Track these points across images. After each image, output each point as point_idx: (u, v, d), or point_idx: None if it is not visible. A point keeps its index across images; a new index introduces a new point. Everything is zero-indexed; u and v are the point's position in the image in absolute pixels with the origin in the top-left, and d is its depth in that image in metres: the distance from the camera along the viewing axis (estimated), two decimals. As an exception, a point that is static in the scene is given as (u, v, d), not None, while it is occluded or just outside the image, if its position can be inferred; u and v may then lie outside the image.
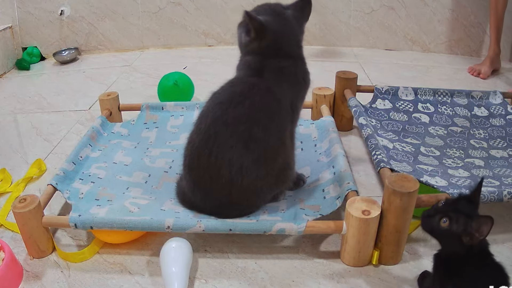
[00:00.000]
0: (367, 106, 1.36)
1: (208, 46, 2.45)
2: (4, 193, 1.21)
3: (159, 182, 1.13)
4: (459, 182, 0.97)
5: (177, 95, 1.63)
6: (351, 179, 1.00)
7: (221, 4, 2.35)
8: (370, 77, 1.95)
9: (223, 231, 0.90)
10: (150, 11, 2.37)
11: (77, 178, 1.11)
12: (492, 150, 1.19)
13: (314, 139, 1.28)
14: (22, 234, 0.94)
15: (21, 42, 2.35)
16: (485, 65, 1.95)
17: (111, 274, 0.92)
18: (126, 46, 2.45)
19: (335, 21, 2.33)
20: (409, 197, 0.83)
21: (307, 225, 0.88)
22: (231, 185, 0.90)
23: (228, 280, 0.90)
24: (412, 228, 1.01)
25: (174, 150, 1.27)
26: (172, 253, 0.88)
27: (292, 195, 1.05)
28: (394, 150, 1.12)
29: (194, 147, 0.93)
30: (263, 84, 0.91)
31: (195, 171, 0.94)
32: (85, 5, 2.33)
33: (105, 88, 1.93)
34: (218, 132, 0.88)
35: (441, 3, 2.19)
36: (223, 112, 0.89)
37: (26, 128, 1.60)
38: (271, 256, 0.96)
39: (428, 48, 2.30)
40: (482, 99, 1.40)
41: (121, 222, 0.91)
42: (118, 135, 1.35)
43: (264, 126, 0.89)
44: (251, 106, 0.89)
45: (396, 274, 0.90)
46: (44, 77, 2.14)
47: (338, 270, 0.91)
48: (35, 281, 0.91)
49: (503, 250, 0.96)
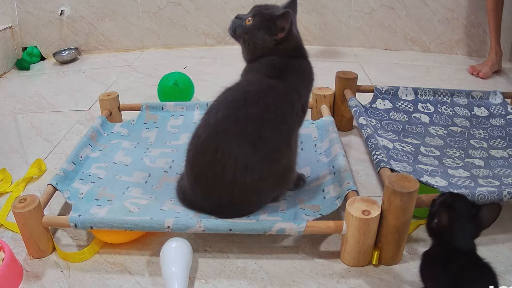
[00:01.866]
0: (367, 106, 1.36)
1: (208, 46, 2.45)
2: (4, 193, 1.21)
3: (159, 182, 1.13)
4: (459, 182, 0.97)
5: (177, 95, 1.63)
6: (351, 179, 1.00)
7: (221, 4, 2.35)
8: (370, 77, 1.95)
9: (223, 231, 0.90)
10: (150, 11, 2.37)
11: (77, 178, 1.11)
12: (492, 150, 1.19)
13: (314, 139, 1.28)
14: (22, 234, 0.94)
15: (21, 42, 2.35)
16: (486, 66, 1.95)
17: (111, 274, 0.92)
18: (126, 46, 2.45)
19: (335, 21, 2.33)
20: (409, 197, 0.83)
21: (307, 225, 0.88)
22: (234, 183, 0.90)
23: (228, 280, 0.90)
24: (412, 228, 1.01)
25: (174, 150, 1.27)
26: (172, 253, 0.88)
27: (292, 195, 1.05)
28: (394, 150, 1.12)
29: (199, 141, 0.92)
30: (280, 86, 0.91)
31: (198, 167, 0.93)
32: (85, 5, 2.33)
33: (105, 88, 1.93)
34: (228, 129, 0.88)
35: (441, 3, 2.19)
36: (235, 110, 0.89)
37: (26, 128, 1.60)
38: (271, 256, 0.96)
39: (428, 48, 2.30)
40: (482, 99, 1.40)
41: (121, 222, 0.91)
42: (118, 135, 1.35)
43: (273, 127, 0.89)
44: (264, 107, 0.89)
45: (396, 274, 0.90)
46: (44, 77, 2.14)
47: (338, 270, 0.91)
48: (35, 281, 0.91)
49: (503, 250, 0.96)
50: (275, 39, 0.92)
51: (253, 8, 0.95)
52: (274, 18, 0.91)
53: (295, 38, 0.94)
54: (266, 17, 0.92)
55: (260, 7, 0.94)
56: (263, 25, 0.92)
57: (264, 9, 0.93)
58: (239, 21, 0.95)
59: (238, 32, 0.95)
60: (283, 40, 0.92)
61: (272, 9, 0.93)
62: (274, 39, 0.92)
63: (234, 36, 0.96)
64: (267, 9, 0.93)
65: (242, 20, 0.94)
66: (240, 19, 0.95)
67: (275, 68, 0.93)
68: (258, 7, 0.95)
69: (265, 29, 0.92)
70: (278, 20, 0.90)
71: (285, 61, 0.93)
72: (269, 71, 0.93)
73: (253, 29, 0.92)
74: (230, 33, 0.96)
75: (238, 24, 0.94)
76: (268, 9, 0.93)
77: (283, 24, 0.90)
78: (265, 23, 0.91)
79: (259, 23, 0.92)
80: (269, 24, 0.91)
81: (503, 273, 0.89)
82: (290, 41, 0.93)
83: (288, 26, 0.90)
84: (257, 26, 0.92)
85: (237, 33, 0.95)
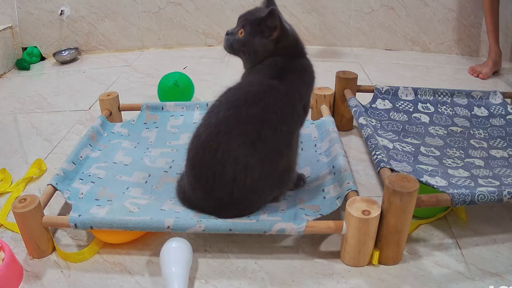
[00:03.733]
0: (367, 106, 1.36)
1: (208, 46, 2.45)
2: (4, 193, 1.21)
3: (159, 182, 1.13)
4: (459, 182, 0.97)
5: (177, 95, 1.63)
6: (351, 179, 1.00)
7: (221, 4, 2.35)
8: (370, 77, 1.95)
9: (223, 231, 0.90)
10: (150, 11, 2.37)
11: (77, 178, 1.11)
12: (492, 150, 1.19)
13: (314, 139, 1.28)
14: (22, 234, 0.94)
15: (21, 42, 2.35)
16: (486, 66, 1.94)
17: (111, 274, 0.92)
18: (126, 46, 2.45)
19: (335, 21, 2.33)
20: (409, 197, 0.83)
21: (307, 225, 0.88)
22: (234, 183, 0.90)
23: (228, 280, 0.90)
24: (412, 228, 1.01)
25: (174, 150, 1.27)
26: (172, 253, 0.88)
27: (292, 195, 1.05)
28: (394, 150, 1.12)
29: (200, 141, 0.92)
30: (282, 87, 0.91)
31: (198, 167, 0.93)
32: (85, 5, 2.33)
33: (105, 88, 1.93)
34: (229, 129, 0.88)
35: (441, 3, 2.19)
36: (236, 110, 0.89)
37: (26, 128, 1.60)
38: (271, 256, 0.96)
39: (428, 48, 2.30)
40: (482, 99, 1.40)
41: (121, 222, 0.91)
42: (118, 135, 1.35)
43: (274, 128, 0.90)
44: (265, 107, 0.89)
45: (396, 274, 0.90)
46: (44, 77, 2.14)
47: (338, 270, 0.91)
48: (35, 281, 0.91)
49: (503, 250, 0.96)
50: (272, 40, 0.92)
51: (238, 19, 0.94)
52: (263, 20, 0.90)
53: (291, 33, 0.93)
54: (255, 22, 0.91)
55: (245, 16, 0.94)
56: (256, 31, 0.91)
57: (250, 16, 0.93)
58: (231, 36, 0.93)
59: (236, 47, 0.93)
60: (280, 38, 0.92)
61: (257, 13, 0.93)
62: (271, 40, 0.92)
63: (233, 52, 0.95)
64: (252, 14, 0.93)
65: (234, 34, 0.93)
66: (232, 34, 0.93)
67: (277, 68, 0.93)
68: (242, 16, 0.94)
69: (260, 34, 0.91)
70: (268, 20, 0.90)
71: (286, 61, 0.93)
72: (271, 72, 0.93)
73: (248, 38, 0.92)
74: (227, 51, 0.95)
75: (232, 40, 0.93)
76: (253, 14, 0.93)
77: (274, 23, 0.90)
78: (257, 28, 0.91)
79: (251, 30, 0.91)
80: (261, 28, 0.91)
81: (503, 273, 0.89)
82: (287, 37, 0.93)
83: (278, 22, 0.89)
84: (251, 34, 0.91)
85: (234, 48, 0.94)
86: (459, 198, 0.88)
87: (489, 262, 0.92)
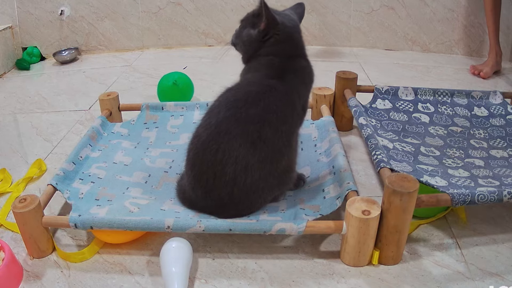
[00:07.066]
0: (367, 106, 1.36)
1: (208, 46, 2.45)
2: (4, 193, 1.21)
3: (159, 182, 1.13)
4: (459, 182, 0.97)
5: (177, 95, 1.63)
6: (351, 179, 1.00)
7: (221, 4, 2.35)
8: (370, 77, 1.95)
9: (223, 231, 0.90)
10: (150, 11, 2.37)
11: (77, 178, 1.11)
12: (492, 150, 1.19)
13: (314, 139, 1.28)
14: (22, 234, 0.94)
15: (21, 42, 2.35)
16: (487, 66, 1.95)
17: (111, 274, 0.92)
18: (126, 46, 2.45)
19: (335, 21, 2.33)
20: (409, 197, 0.83)
21: (307, 225, 0.88)
22: (234, 183, 0.90)
23: (228, 280, 0.90)
24: (412, 228, 1.01)
25: (174, 150, 1.27)
26: (172, 253, 0.88)
27: (292, 195, 1.05)
28: (394, 150, 1.12)
29: (200, 141, 0.92)
30: (281, 87, 0.92)
31: (199, 166, 0.93)
32: (85, 5, 2.33)
33: (105, 88, 1.93)
34: (229, 129, 0.89)
35: (441, 3, 2.19)
36: (236, 110, 0.89)
37: (26, 128, 1.60)
38: (271, 256, 0.96)
39: (428, 48, 2.30)
40: (482, 99, 1.40)
41: (121, 222, 0.91)
42: (118, 135, 1.35)
43: (274, 128, 0.90)
44: (265, 107, 0.89)
45: (396, 274, 0.90)
46: (44, 77, 2.14)
47: (338, 270, 0.91)
48: (35, 281, 0.91)
49: (503, 250, 0.96)
50: (260, 31, 0.93)
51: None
52: (252, 12, 0.95)
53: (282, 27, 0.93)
54: (248, 15, 0.96)
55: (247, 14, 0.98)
56: (247, 23, 0.96)
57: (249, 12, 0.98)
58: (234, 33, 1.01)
59: (233, 40, 1.00)
60: (269, 31, 0.92)
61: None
62: (259, 30, 0.93)
63: (234, 46, 1.02)
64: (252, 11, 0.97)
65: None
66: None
67: (275, 68, 0.93)
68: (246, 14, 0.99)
69: (249, 26, 0.95)
70: (255, 11, 0.93)
71: (284, 61, 0.94)
72: (269, 71, 0.93)
73: (240, 30, 0.98)
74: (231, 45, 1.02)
75: (234, 34, 1.00)
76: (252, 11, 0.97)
77: (259, 10, 0.91)
78: (248, 21, 0.96)
79: (244, 23, 0.97)
80: (252, 20, 0.95)
81: (503, 273, 0.89)
82: (277, 30, 0.92)
83: (264, 10, 0.90)
84: (243, 26, 0.97)
85: (233, 42, 1.01)
86: (459, 198, 0.88)
87: (489, 262, 0.92)
